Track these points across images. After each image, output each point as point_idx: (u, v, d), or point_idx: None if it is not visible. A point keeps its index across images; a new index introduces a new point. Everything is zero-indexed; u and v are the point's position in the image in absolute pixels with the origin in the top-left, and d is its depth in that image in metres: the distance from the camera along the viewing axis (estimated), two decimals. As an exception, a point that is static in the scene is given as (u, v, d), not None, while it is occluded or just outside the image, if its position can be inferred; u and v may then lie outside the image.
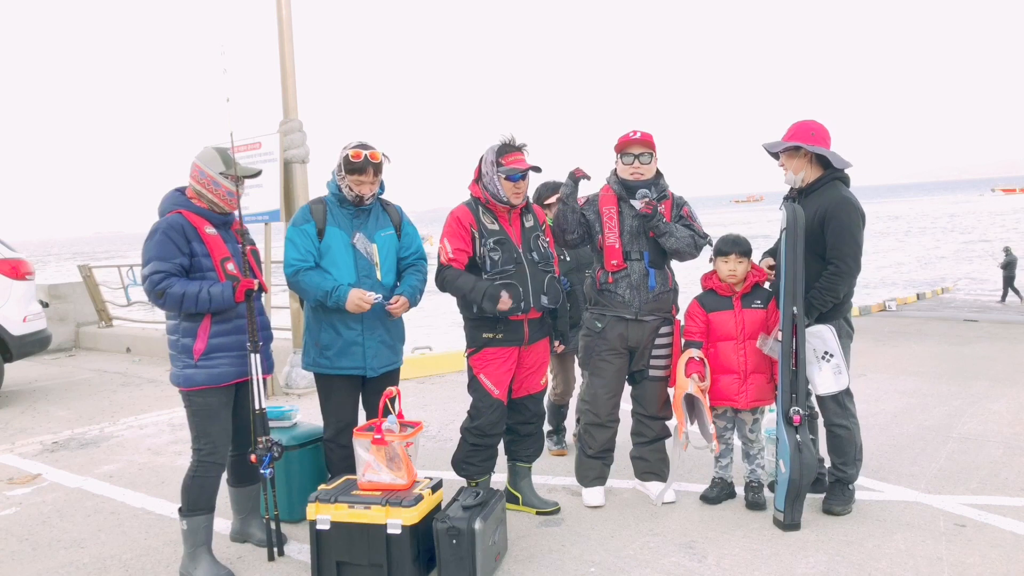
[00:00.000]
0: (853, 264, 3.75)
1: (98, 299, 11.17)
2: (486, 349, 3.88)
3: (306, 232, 3.68)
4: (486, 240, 3.82)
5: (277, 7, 7.16)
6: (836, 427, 3.91)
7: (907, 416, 5.70)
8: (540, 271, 3.89)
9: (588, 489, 4.20)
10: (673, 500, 4.15)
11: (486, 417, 3.90)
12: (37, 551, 3.91)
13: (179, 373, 3.40)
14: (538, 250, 3.93)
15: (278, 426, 4.03)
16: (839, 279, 3.74)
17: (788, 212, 3.76)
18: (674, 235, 3.99)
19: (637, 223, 4.03)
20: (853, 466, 3.92)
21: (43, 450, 5.74)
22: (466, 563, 3.25)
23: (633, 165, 4.04)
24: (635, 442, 4.30)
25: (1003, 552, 3.46)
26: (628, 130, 4.10)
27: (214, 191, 3.45)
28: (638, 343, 4.10)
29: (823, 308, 3.80)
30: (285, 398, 7.00)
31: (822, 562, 3.42)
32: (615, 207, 4.07)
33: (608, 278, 4.05)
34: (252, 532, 3.82)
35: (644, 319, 4.05)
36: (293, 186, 7.14)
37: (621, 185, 4.08)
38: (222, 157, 3.46)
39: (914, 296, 14.57)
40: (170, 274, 3.29)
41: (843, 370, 3.78)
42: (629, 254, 4.04)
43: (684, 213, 4.13)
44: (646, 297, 4.03)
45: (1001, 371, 7.15)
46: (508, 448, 4.10)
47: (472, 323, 3.91)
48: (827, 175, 3.87)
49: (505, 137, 3.87)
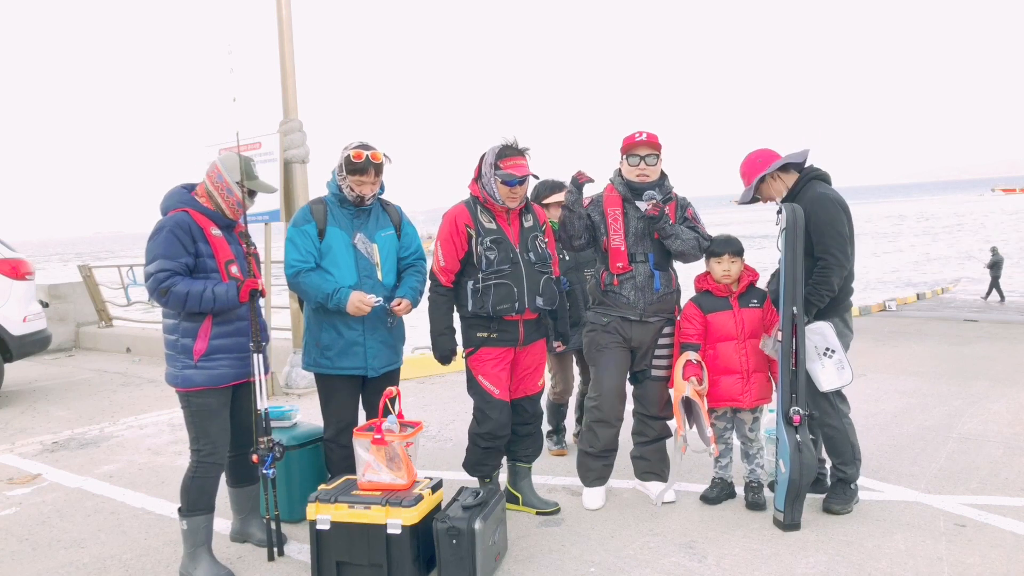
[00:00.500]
0: (840, 256, 3.76)
1: (98, 299, 11.17)
2: (483, 349, 3.87)
3: (307, 232, 3.68)
4: (483, 239, 3.80)
5: (277, 7, 7.16)
6: (826, 427, 3.93)
7: (907, 416, 5.70)
8: (536, 272, 3.87)
9: (589, 489, 4.18)
10: (673, 500, 4.15)
11: (495, 420, 3.89)
12: (37, 551, 3.91)
13: (177, 374, 3.40)
14: (535, 251, 3.90)
15: (278, 426, 4.03)
16: (830, 272, 3.76)
17: (788, 212, 3.76)
18: (680, 237, 3.98)
19: (642, 225, 4.01)
20: (852, 465, 3.92)
21: (43, 450, 5.74)
22: (466, 563, 3.25)
23: (639, 167, 4.02)
24: (636, 442, 4.30)
25: (1003, 552, 3.46)
26: (634, 131, 4.07)
27: (226, 198, 3.45)
28: (641, 343, 4.10)
29: (820, 303, 3.80)
30: (285, 398, 7.00)
31: (822, 562, 3.42)
32: (620, 208, 4.05)
33: (613, 280, 4.03)
34: (252, 532, 3.81)
35: (648, 320, 4.05)
36: (293, 186, 7.14)
37: (626, 186, 4.07)
38: (243, 167, 3.45)
39: (914, 296, 14.57)
40: (175, 272, 3.28)
41: (845, 365, 3.79)
42: (634, 256, 4.03)
43: (689, 215, 4.13)
44: (651, 299, 4.02)
45: (1001, 371, 7.15)
46: (507, 448, 4.10)
47: (467, 322, 3.90)
48: (803, 177, 3.93)
49: (508, 139, 3.85)
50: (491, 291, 3.77)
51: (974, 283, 18.47)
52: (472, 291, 3.80)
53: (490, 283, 3.77)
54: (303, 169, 7.20)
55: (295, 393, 7.12)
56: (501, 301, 3.77)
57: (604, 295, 4.08)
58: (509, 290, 3.77)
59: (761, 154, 4.03)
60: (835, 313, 3.89)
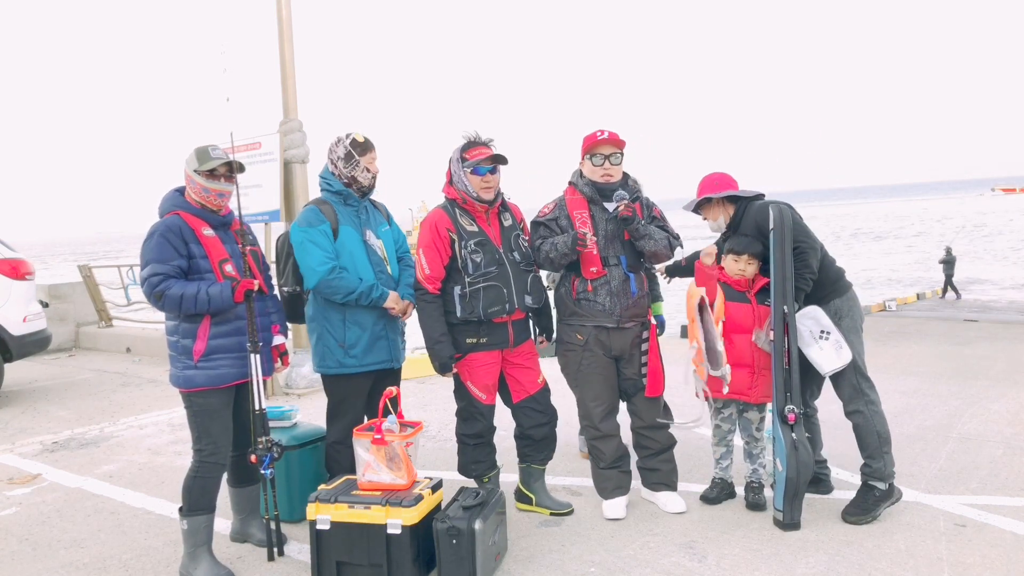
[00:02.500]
0: (808, 239, 3.81)
1: (98, 299, 11.17)
2: (471, 355, 3.82)
3: (324, 232, 3.66)
4: (466, 242, 3.74)
5: (277, 7, 7.16)
6: (850, 414, 3.86)
7: (907, 416, 5.70)
8: (522, 271, 3.85)
9: (608, 501, 4.01)
10: (684, 510, 4.00)
11: (482, 424, 3.90)
12: (37, 551, 3.91)
13: (179, 374, 3.40)
14: (519, 249, 3.87)
15: (278, 426, 4.03)
16: (805, 255, 3.79)
17: (775, 212, 3.77)
18: (652, 237, 3.87)
19: (612, 226, 3.88)
20: (879, 459, 3.78)
21: (43, 450, 5.75)
22: (466, 563, 3.25)
23: (604, 167, 3.90)
24: (642, 455, 4.11)
25: (1003, 552, 3.46)
26: (595, 129, 3.93)
27: (192, 190, 3.44)
28: (622, 351, 3.97)
29: (807, 287, 3.82)
30: (285, 398, 7.00)
31: (822, 562, 3.42)
32: (587, 211, 3.91)
33: (587, 286, 3.89)
34: (252, 532, 3.81)
35: (625, 326, 3.93)
36: (293, 186, 7.15)
37: (592, 187, 3.94)
38: (198, 155, 3.42)
39: (914, 296, 14.58)
40: (168, 276, 3.28)
41: (843, 344, 3.78)
42: (607, 259, 3.89)
43: (656, 214, 4.04)
44: (627, 303, 3.90)
45: (1001, 371, 7.15)
46: (522, 451, 4.04)
47: (455, 328, 3.81)
48: (740, 205, 4.00)
49: (469, 134, 3.81)
50: (480, 295, 3.72)
51: (974, 283, 18.48)
52: (460, 297, 3.74)
53: (478, 286, 3.72)
54: (303, 169, 7.21)
55: (295, 393, 7.12)
56: (492, 304, 3.73)
57: (577, 304, 3.93)
58: (499, 292, 3.74)
59: (721, 178, 4.08)
60: (835, 294, 3.90)
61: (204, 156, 3.41)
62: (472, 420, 3.91)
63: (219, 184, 3.44)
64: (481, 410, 3.89)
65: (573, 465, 4.83)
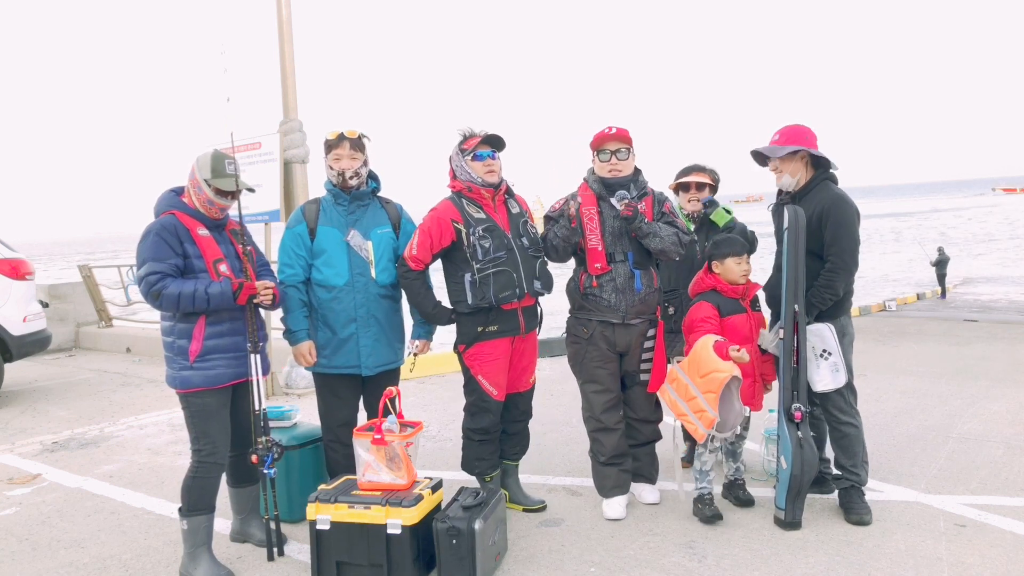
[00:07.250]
0: (851, 260, 3.75)
1: (98, 299, 11.17)
2: (478, 344, 3.83)
3: (298, 235, 3.73)
4: (474, 229, 3.76)
5: (277, 7, 7.16)
6: (845, 425, 3.86)
7: (907, 416, 5.70)
8: (531, 256, 3.87)
9: (608, 501, 4.03)
10: (657, 502, 4.10)
11: (489, 419, 3.90)
12: (37, 551, 3.91)
13: (175, 375, 3.39)
14: (527, 235, 3.90)
15: (278, 426, 4.03)
16: (837, 276, 3.73)
17: (790, 212, 3.74)
18: (658, 235, 3.86)
19: (619, 223, 3.90)
20: (862, 468, 3.87)
21: (43, 450, 5.75)
22: (466, 563, 3.25)
23: (611, 162, 3.93)
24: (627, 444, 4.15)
25: (1003, 552, 3.46)
26: (603, 127, 3.96)
27: (196, 195, 3.43)
28: (627, 347, 4.00)
29: (822, 306, 3.78)
30: (285, 398, 7.00)
31: (822, 562, 3.42)
32: (595, 207, 3.94)
33: (592, 282, 3.93)
34: (252, 532, 3.81)
35: (631, 323, 3.95)
36: (293, 186, 7.13)
37: (600, 183, 3.97)
38: (213, 164, 3.39)
39: (914, 296, 14.57)
40: (165, 275, 3.28)
41: (840, 368, 3.77)
42: (613, 256, 3.91)
43: (666, 209, 4.02)
44: (632, 300, 3.91)
45: (1001, 371, 7.15)
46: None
47: (466, 317, 3.83)
48: (819, 175, 3.88)
49: (464, 129, 3.86)
50: (490, 280, 3.74)
51: (974, 283, 18.48)
52: (471, 283, 3.75)
53: (488, 272, 3.74)
54: (303, 169, 7.20)
55: (295, 393, 7.12)
56: (503, 289, 3.75)
57: (584, 298, 3.97)
58: (509, 277, 3.76)
59: (811, 134, 3.89)
60: (841, 312, 3.87)
61: (219, 170, 3.38)
62: (480, 415, 3.91)
63: (226, 201, 3.46)
64: (490, 405, 3.89)
65: (573, 465, 4.84)
